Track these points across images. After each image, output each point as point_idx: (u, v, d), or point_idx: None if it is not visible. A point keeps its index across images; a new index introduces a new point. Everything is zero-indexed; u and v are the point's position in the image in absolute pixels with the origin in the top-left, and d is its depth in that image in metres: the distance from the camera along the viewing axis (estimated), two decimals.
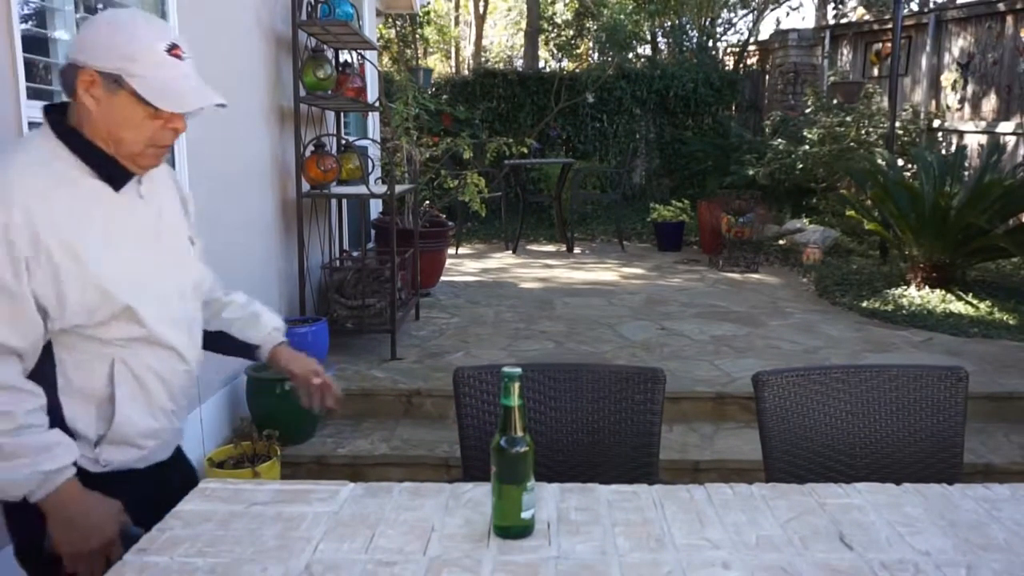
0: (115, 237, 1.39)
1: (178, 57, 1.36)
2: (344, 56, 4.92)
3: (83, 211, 1.36)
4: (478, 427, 1.89)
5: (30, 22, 2.35)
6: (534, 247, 8.72)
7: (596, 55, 12.63)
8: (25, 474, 1.28)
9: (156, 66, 1.34)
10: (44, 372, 1.36)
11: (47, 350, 1.36)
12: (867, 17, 10.70)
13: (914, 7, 11.02)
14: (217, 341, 1.69)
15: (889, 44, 8.85)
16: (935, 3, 10.34)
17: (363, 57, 5.21)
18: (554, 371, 1.95)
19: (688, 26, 12.64)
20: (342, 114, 5.17)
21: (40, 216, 1.29)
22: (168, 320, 1.46)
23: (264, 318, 1.73)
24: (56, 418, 1.35)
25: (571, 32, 13.32)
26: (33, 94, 2.21)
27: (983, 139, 8.01)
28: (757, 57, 11.86)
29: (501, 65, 16.35)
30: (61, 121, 1.39)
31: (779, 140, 8.80)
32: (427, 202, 6.70)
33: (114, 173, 1.40)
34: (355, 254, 5.13)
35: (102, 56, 1.33)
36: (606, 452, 1.91)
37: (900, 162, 7.33)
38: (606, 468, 1.90)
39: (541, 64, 13.80)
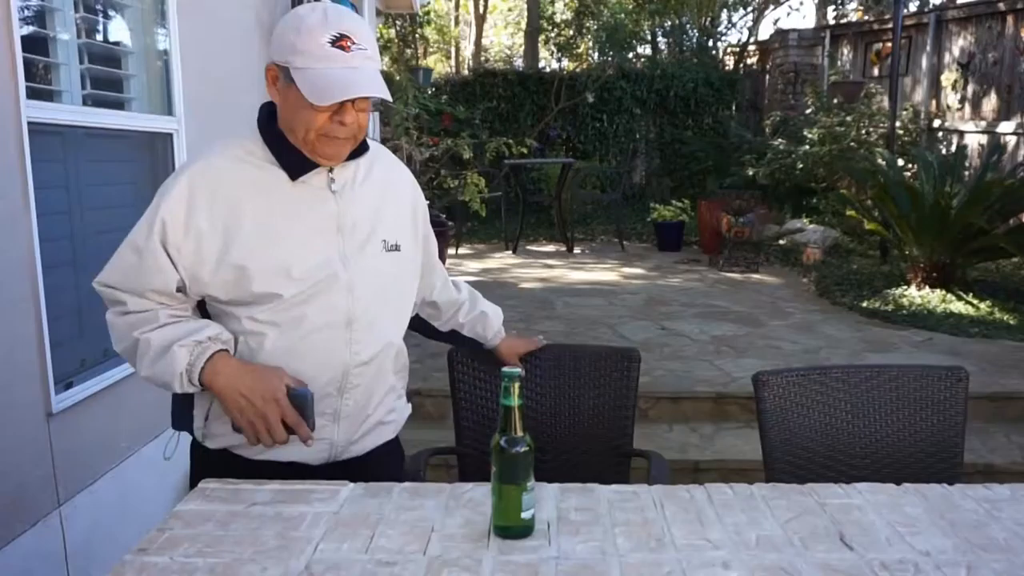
0: (277, 224, 1.42)
1: (343, 48, 1.33)
2: None
3: (252, 195, 1.41)
4: (471, 399, 2.06)
5: (30, 22, 2.35)
6: (534, 247, 8.72)
7: (596, 55, 12.62)
8: (182, 353, 1.35)
9: (317, 59, 1.33)
10: None
11: (204, 314, 1.47)
12: (867, 17, 10.70)
13: (914, 7, 11.02)
14: (448, 338, 1.86)
15: (889, 44, 8.85)
16: (935, 3, 10.34)
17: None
18: (538, 351, 2.09)
19: (688, 26, 12.64)
20: None
21: (204, 192, 1.39)
22: (321, 313, 1.43)
23: (490, 318, 1.86)
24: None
25: (571, 31, 13.33)
26: (33, 94, 2.21)
27: (983, 139, 8.01)
28: (757, 57, 11.86)
29: (501, 65, 16.35)
30: (268, 115, 1.46)
31: (779, 140, 8.80)
32: (427, 202, 6.70)
33: (294, 163, 1.43)
34: None
35: (278, 50, 1.37)
36: (585, 423, 2.09)
37: (900, 162, 7.32)
38: (584, 437, 2.08)
39: (541, 64, 13.79)
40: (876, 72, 9.74)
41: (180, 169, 1.45)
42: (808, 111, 9.07)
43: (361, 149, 1.50)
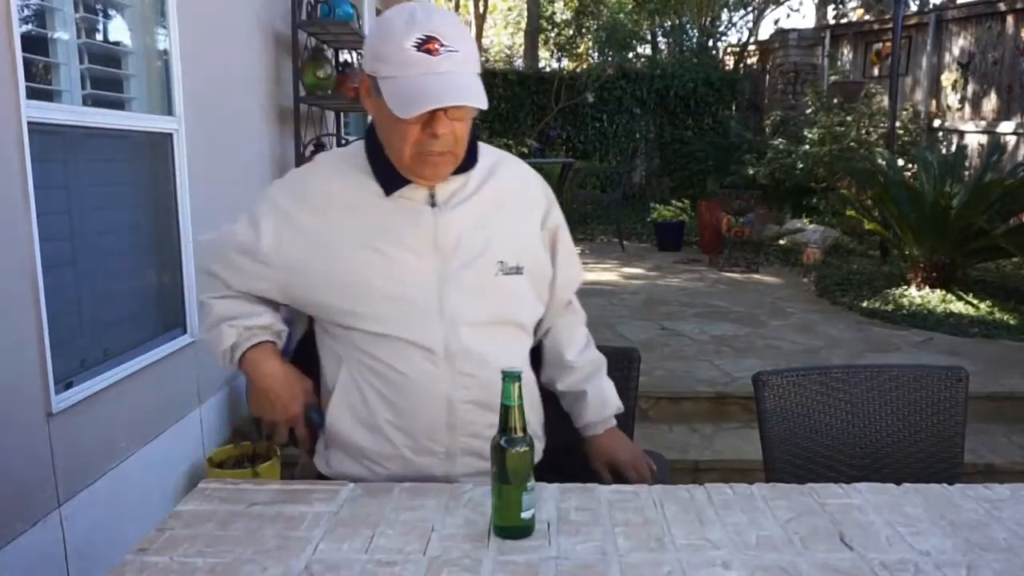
0: (365, 243, 1.33)
1: (430, 52, 1.21)
2: (344, 56, 4.92)
3: (343, 213, 1.35)
4: None
5: (30, 22, 2.35)
6: None
7: (596, 55, 12.64)
8: (230, 332, 1.38)
9: (402, 65, 1.22)
10: (313, 352, 1.46)
11: (311, 332, 1.47)
12: (867, 17, 10.70)
13: (914, 7, 11.03)
14: (547, 399, 1.61)
15: (889, 44, 8.85)
16: (935, 3, 10.34)
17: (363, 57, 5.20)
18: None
19: (688, 26, 12.65)
20: (342, 114, 5.17)
21: (297, 205, 1.37)
22: (410, 340, 1.33)
23: (587, 400, 1.58)
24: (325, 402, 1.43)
25: (571, 31, 13.36)
26: (33, 94, 2.21)
27: (983, 139, 8.02)
28: (757, 57, 11.87)
29: (501, 65, 16.35)
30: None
31: (779, 140, 8.80)
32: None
33: (389, 176, 1.34)
34: None
35: (367, 59, 1.28)
36: None
37: (900, 162, 7.33)
38: None
39: (541, 64, 13.80)
40: (876, 72, 9.75)
41: (279, 181, 1.43)
42: (808, 111, 9.07)
43: (467, 164, 1.36)
